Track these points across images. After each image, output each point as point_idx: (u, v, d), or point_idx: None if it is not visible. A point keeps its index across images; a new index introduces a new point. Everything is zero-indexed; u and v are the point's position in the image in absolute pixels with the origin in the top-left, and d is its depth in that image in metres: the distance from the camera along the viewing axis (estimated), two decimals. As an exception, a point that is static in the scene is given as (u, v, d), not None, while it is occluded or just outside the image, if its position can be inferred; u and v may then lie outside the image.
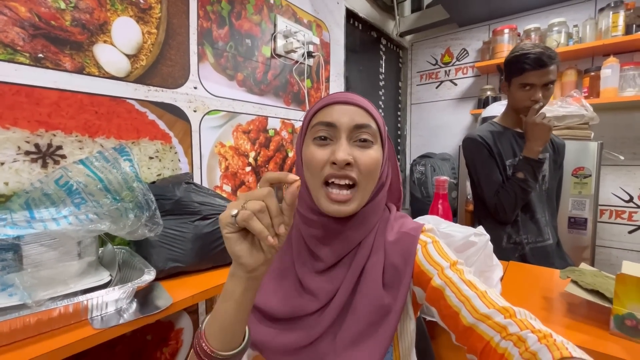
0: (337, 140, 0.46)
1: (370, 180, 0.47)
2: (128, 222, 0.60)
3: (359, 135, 0.46)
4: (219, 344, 0.38)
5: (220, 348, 0.38)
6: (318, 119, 0.47)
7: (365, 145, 0.46)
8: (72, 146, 0.85)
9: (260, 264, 0.37)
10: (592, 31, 1.81)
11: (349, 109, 0.46)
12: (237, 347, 0.40)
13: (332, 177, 0.45)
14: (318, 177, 0.46)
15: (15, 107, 0.76)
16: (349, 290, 0.46)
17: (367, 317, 0.45)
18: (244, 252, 0.36)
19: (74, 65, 0.85)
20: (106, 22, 0.90)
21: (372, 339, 0.44)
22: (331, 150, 0.45)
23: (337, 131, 0.46)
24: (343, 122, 0.46)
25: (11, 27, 0.75)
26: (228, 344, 0.39)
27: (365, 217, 0.49)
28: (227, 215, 0.35)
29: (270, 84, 1.43)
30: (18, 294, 0.54)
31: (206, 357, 0.38)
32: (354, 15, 2.03)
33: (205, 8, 1.15)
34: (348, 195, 0.45)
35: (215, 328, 0.39)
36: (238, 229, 0.35)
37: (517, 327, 0.36)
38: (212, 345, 0.38)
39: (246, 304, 0.38)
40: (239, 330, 0.40)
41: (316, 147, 0.47)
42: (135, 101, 0.97)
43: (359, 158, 0.45)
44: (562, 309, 0.72)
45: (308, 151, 0.47)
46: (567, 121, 1.52)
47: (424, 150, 2.57)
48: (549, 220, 1.15)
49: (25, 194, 0.62)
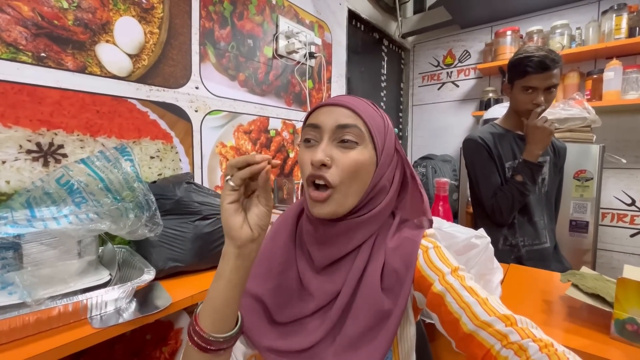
0: (321, 142, 0.47)
1: (353, 182, 0.46)
2: (128, 222, 0.60)
3: (341, 136, 0.46)
4: (211, 326, 0.40)
5: (212, 330, 0.40)
6: (308, 122, 0.49)
7: (346, 145, 0.46)
8: (74, 145, 0.85)
9: (249, 239, 0.40)
10: (595, 34, 1.81)
11: (334, 110, 0.47)
12: (229, 331, 0.41)
13: (312, 177, 0.46)
14: (304, 177, 0.48)
15: (18, 105, 0.76)
16: (349, 294, 0.46)
17: (367, 321, 0.44)
18: (237, 224, 0.39)
19: (76, 64, 0.85)
20: (109, 21, 0.90)
21: (371, 344, 0.43)
22: (314, 150, 0.47)
23: (321, 132, 0.47)
24: (327, 123, 0.46)
25: (14, 26, 0.75)
26: (220, 327, 0.41)
27: (360, 225, 0.48)
28: (225, 188, 0.40)
29: (271, 85, 1.43)
30: (18, 293, 0.54)
31: (199, 339, 0.40)
32: (356, 16, 2.03)
33: (208, 8, 1.16)
34: (323, 195, 0.45)
35: (208, 310, 0.41)
36: (237, 195, 0.40)
37: (518, 335, 0.36)
38: (205, 328, 0.40)
39: (237, 283, 0.40)
40: (230, 313, 0.41)
41: (304, 149, 0.49)
42: (137, 101, 0.97)
43: (339, 159, 0.45)
44: (562, 313, 0.72)
45: (299, 154, 0.49)
46: (569, 124, 1.51)
47: (425, 151, 2.57)
48: (547, 224, 1.15)
49: (26, 193, 0.63)
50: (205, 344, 0.40)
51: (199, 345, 0.40)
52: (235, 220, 0.39)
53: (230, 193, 0.39)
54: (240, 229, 0.39)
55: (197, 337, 0.40)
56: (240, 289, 0.41)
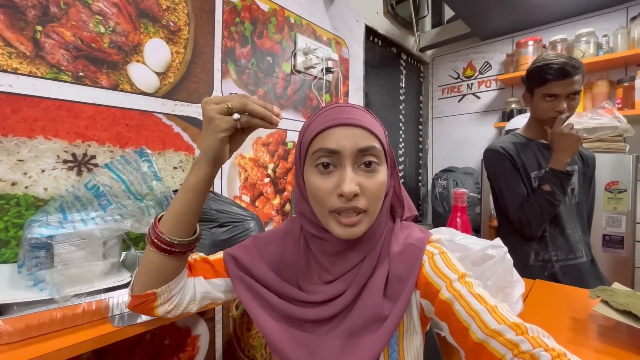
0: (341, 168, 0.44)
1: (378, 203, 0.46)
2: (150, 220, 0.64)
3: (363, 159, 0.44)
4: (174, 230, 0.45)
5: (173, 234, 0.45)
6: (318, 144, 0.44)
7: (371, 169, 0.44)
8: (105, 156, 0.92)
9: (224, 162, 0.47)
10: (624, 40, 1.74)
11: (351, 132, 0.43)
12: (188, 237, 0.47)
13: (343, 210, 0.43)
14: (325, 207, 0.44)
15: (57, 120, 0.84)
16: (349, 300, 0.46)
17: (365, 325, 0.44)
18: (224, 152, 0.45)
19: (110, 82, 0.93)
20: (139, 43, 0.99)
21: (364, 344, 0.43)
22: (336, 179, 0.43)
23: (341, 158, 0.43)
24: (346, 148, 0.43)
25: (57, 49, 0.84)
26: (181, 232, 0.46)
27: (371, 232, 0.48)
28: (227, 119, 0.43)
29: (289, 99, 1.48)
30: (48, 289, 0.58)
31: (158, 241, 0.45)
32: (373, 32, 2.08)
33: (230, 29, 1.23)
34: (356, 220, 0.44)
35: (172, 216, 0.46)
36: (234, 129, 0.44)
37: (530, 344, 0.34)
38: (165, 231, 0.45)
39: (202, 193, 0.46)
40: (192, 220, 0.47)
41: (320, 175, 0.44)
42: (163, 115, 1.04)
43: (366, 186, 0.43)
44: (592, 331, 0.67)
45: (311, 180, 0.45)
46: (598, 133, 1.44)
47: (446, 164, 2.52)
48: (581, 236, 1.08)
49: (60, 199, 0.68)
50: (165, 245, 0.44)
51: (159, 246, 0.45)
52: (224, 148, 0.44)
53: (230, 127, 0.43)
54: (224, 155, 0.45)
55: (157, 239, 0.45)
56: (203, 199, 0.47)
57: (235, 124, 0.43)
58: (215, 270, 0.55)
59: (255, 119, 0.44)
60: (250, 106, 0.43)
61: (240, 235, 0.89)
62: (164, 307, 0.49)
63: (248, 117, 0.44)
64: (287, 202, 1.46)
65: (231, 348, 1.23)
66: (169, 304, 0.49)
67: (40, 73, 0.81)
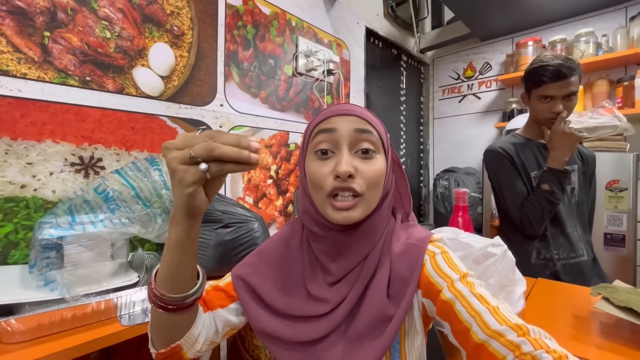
0: (338, 152, 0.45)
1: (375, 191, 0.46)
2: (156, 226, 0.65)
3: (360, 145, 0.45)
4: (170, 287, 0.41)
5: (171, 291, 0.41)
6: (317, 129, 0.47)
7: (367, 156, 0.46)
8: (111, 158, 0.93)
9: (205, 208, 0.39)
10: (623, 40, 1.75)
11: (349, 118, 0.46)
12: (188, 290, 0.42)
13: (337, 190, 0.44)
14: (323, 190, 0.45)
15: (65, 124, 0.85)
16: (353, 302, 0.46)
17: (369, 327, 0.44)
18: (200, 201, 0.37)
19: (116, 86, 0.94)
20: (144, 47, 1.00)
21: (369, 346, 0.43)
22: (334, 162, 0.45)
23: (338, 140, 0.45)
24: (343, 127, 0.45)
25: (65, 54, 0.85)
26: (179, 287, 0.41)
27: (372, 227, 0.49)
28: (193, 171, 0.34)
29: (291, 101, 1.49)
30: (58, 289, 0.59)
31: (158, 300, 0.40)
32: (374, 34, 2.09)
33: (232, 32, 1.25)
34: (351, 202, 0.44)
35: (165, 273, 0.41)
36: (204, 179, 0.35)
37: (531, 346, 0.34)
38: (163, 289, 0.40)
39: (192, 247, 0.41)
40: (188, 273, 0.41)
41: (318, 161, 0.46)
42: (167, 118, 1.06)
43: (363, 170, 0.45)
44: (594, 328, 0.67)
45: (310, 166, 0.47)
46: (598, 132, 1.45)
47: (448, 164, 2.53)
48: (581, 235, 1.09)
49: (68, 201, 0.70)
50: (170, 304, 0.41)
51: (164, 307, 0.41)
52: (197, 201, 0.36)
53: (197, 179, 0.35)
54: (201, 207, 0.38)
55: (159, 300, 0.41)
56: (194, 250, 0.42)
57: (204, 176, 0.35)
58: (229, 295, 0.53)
59: (227, 165, 0.35)
60: (218, 151, 0.34)
61: (244, 235, 0.91)
62: (192, 350, 0.47)
63: (219, 165, 0.35)
64: (289, 204, 1.48)
65: (235, 348, 1.24)
66: (196, 344, 0.47)
67: (48, 78, 0.83)
